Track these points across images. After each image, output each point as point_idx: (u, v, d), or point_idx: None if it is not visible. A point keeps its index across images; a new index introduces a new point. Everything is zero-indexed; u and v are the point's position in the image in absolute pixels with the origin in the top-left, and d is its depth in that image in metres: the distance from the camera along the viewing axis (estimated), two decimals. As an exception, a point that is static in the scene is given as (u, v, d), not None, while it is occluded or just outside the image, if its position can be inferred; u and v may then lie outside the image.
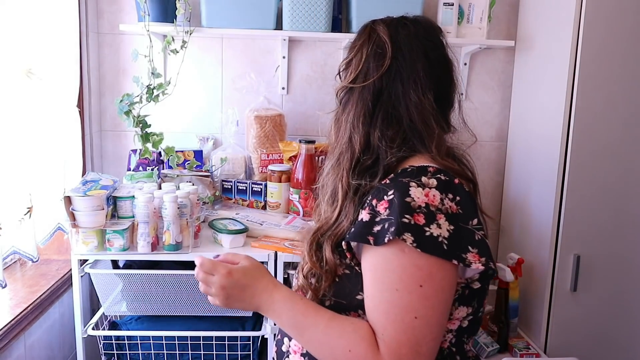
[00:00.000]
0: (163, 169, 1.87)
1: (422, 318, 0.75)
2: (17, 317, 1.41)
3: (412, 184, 0.79)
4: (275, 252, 1.57)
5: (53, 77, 1.61)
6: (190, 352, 1.64)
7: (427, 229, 0.76)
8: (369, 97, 0.90)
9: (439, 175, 0.80)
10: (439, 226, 0.76)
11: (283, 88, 2.11)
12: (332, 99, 2.39)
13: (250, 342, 1.65)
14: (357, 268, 0.84)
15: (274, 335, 1.61)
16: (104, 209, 1.50)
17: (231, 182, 1.97)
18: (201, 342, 1.63)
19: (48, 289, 1.58)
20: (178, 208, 1.49)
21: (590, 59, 1.69)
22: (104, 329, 1.66)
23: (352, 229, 0.83)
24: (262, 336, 1.65)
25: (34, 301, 1.50)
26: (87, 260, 1.58)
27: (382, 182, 0.83)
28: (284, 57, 2.07)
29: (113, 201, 1.57)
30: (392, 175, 0.83)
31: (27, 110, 1.49)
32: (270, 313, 0.87)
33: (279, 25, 1.95)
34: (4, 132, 1.41)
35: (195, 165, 1.93)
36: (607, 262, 1.80)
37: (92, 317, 1.67)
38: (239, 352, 1.65)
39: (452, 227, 0.77)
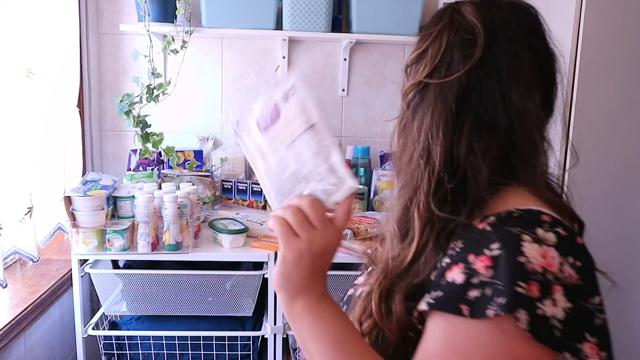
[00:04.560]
0: (163, 169, 1.87)
1: None
2: (17, 317, 1.41)
3: (525, 237, 0.57)
4: (275, 252, 1.57)
5: (53, 77, 1.61)
6: (190, 352, 1.64)
7: (539, 305, 0.54)
8: (452, 96, 0.66)
9: (557, 229, 0.59)
10: (553, 303, 0.55)
11: (283, 88, 2.11)
12: (332, 99, 2.40)
13: (250, 342, 1.65)
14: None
15: (274, 336, 1.62)
16: (104, 209, 1.50)
17: (231, 182, 1.97)
18: (201, 342, 1.63)
19: (48, 289, 1.58)
20: (178, 208, 1.49)
21: (590, 58, 1.69)
22: (104, 329, 1.66)
23: (436, 292, 0.60)
24: (262, 336, 1.65)
25: (34, 301, 1.50)
26: (87, 260, 1.58)
27: (480, 228, 0.61)
28: (284, 57, 2.07)
29: (113, 201, 1.57)
30: (494, 218, 0.61)
31: (27, 111, 1.49)
32: (313, 306, 0.64)
33: (279, 25, 1.95)
34: (4, 132, 1.41)
35: (195, 165, 1.93)
36: (607, 262, 1.79)
37: (92, 317, 1.67)
38: (239, 352, 1.65)
39: (569, 306, 0.55)
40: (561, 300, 0.55)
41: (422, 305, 0.61)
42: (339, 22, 2.02)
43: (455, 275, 0.59)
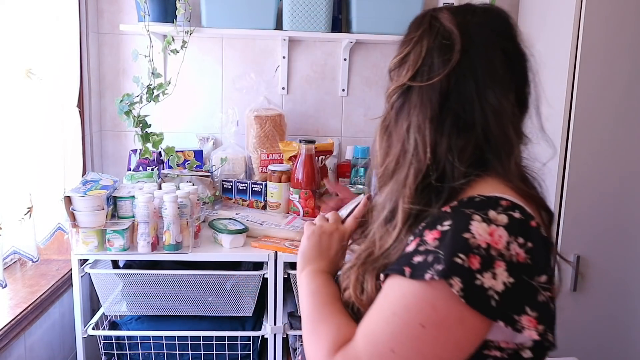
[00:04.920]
0: (163, 169, 1.87)
1: (400, 357, 0.64)
2: (17, 317, 1.41)
3: (476, 217, 0.64)
4: (275, 252, 1.57)
5: (53, 77, 1.61)
6: (190, 352, 1.64)
7: (478, 276, 0.62)
8: (436, 97, 0.73)
9: (512, 212, 0.65)
10: (493, 276, 0.62)
11: (283, 88, 2.11)
12: (332, 99, 2.40)
13: (250, 342, 1.65)
14: None
15: (274, 336, 1.62)
16: (104, 209, 1.50)
17: (231, 182, 1.97)
18: (201, 342, 1.63)
19: (48, 289, 1.58)
20: (178, 208, 1.49)
21: (590, 59, 1.69)
22: (104, 329, 1.66)
23: (395, 261, 0.71)
24: (262, 336, 1.65)
25: (34, 301, 1.50)
26: (87, 260, 1.58)
27: (443, 210, 0.69)
28: (284, 57, 2.07)
29: (113, 201, 1.57)
30: (456, 202, 0.69)
31: (27, 111, 1.49)
32: (312, 274, 0.86)
33: (279, 25, 1.95)
34: (4, 132, 1.41)
35: (195, 165, 1.93)
36: (607, 262, 1.80)
37: (92, 317, 1.67)
38: (239, 352, 1.65)
39: (511, 280, 0.62)
40: (502, 274, 0.62)
41: (382, 276, 0.71)
42: (339, 22, 2.02)
43: (410, 246, 0.69)
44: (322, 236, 0.89)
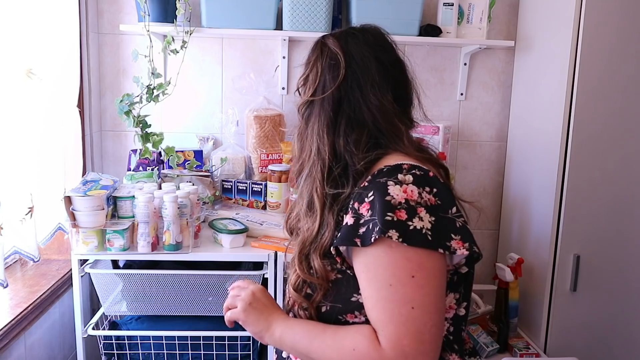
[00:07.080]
0: (163, 169, 1.87)
1: (420, 307, 0.77)
2: (17, 317, 1.41)
3: (390, 182, 0.81)
4: (275, 252, 1.57)
5: (53, 77, 1.62)
6: (190, 352, 1.65)
7: (410, 223, 0.78)
8: (330, 107, 0.92)
9: (414, 171, 0.83)
10: (420, 219, 0.79)
11: (283, 88, 2.11)
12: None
13: (251, 342, 1.66)
14: (348, 271, 0.86)
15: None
16: (104, 209, 1.50)
17: (231, 182, 1.97)
18: (201, 342, 1.63)
19: (48, 289, 1.58)
20: (178, 208, 1.49)
21: (590, 58, 1.69)
22: (104, 329, 1.66)
23: (339, 234, 0.85)
24: (262, 336, 1.65)
25: (34, 301, 1.50)
26: (87, 260, 1.58)
27: (362, 185, 0.86)
28: (284, 57, 2.07)
29: (113, 201, 1.57)
30: (370, 177, 0.85)
31: (27, 111, 1.49)
32: (283, 326, 0.91)
33: (279, 26, 1.95)
34: (4, 132, 1.41)
35: (195, 165, 1.93)
36: (607, 262, 1.80)
37: (92, 317, 1.67)
38: (239, 352, 1.66)
39: (433, 218, 0.79)
40: (426, 216, 0.79)
41: (332, 249, 0.86)
42: (339, 22, 2.02)
43: (348, 219, 0.84)
44: (253, 305, 0.95)
